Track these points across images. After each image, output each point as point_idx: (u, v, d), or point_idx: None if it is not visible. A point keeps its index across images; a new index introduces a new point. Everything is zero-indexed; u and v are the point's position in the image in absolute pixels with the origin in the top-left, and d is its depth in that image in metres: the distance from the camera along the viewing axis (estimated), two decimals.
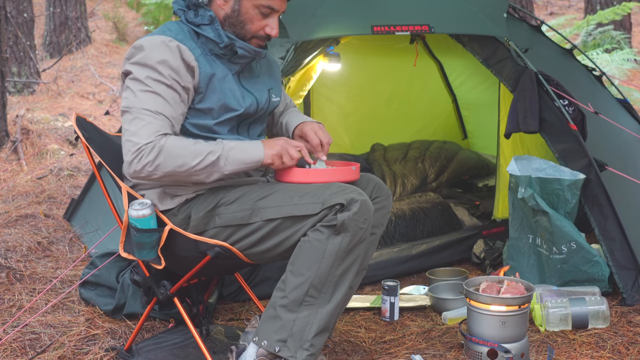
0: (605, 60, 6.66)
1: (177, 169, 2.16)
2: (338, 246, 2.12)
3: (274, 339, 2.13)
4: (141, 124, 2.15)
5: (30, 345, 2.62)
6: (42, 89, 7.87)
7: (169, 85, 2.19)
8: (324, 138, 2.42)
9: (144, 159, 2.13)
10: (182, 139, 2.20)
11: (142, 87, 2.18)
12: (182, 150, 2.16)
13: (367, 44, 4.29)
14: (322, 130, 2.45)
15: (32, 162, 5.26)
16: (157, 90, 2.18)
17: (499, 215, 3.73)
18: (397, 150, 4.61)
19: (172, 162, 2.15)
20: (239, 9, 2.29)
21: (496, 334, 2.43)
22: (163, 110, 2.18)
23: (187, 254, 2.26)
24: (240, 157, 2.22)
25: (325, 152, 2.42)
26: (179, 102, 2.22)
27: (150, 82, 2.18)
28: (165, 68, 2.18)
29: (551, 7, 12.78)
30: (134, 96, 2.19)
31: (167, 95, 2.19)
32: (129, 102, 2.19)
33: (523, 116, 3.16)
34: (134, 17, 12.50)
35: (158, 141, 2.14)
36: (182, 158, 2.16)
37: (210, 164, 2.19)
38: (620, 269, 2.96)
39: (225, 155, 2.20)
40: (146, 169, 2.15)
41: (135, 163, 2.14)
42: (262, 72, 2.47)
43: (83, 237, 3.78)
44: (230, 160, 2.21)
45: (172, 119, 2.20)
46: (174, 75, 2.19)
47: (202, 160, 2.17)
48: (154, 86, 2.18)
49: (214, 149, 2.20)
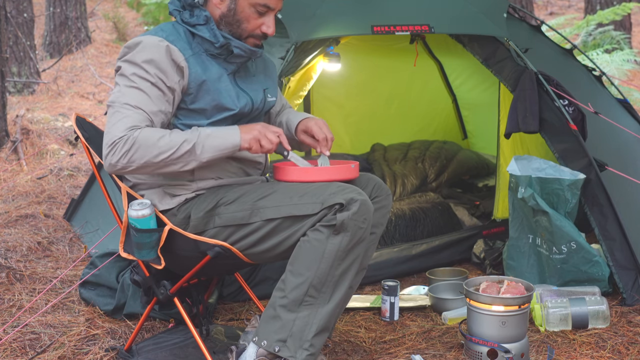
0: (606, 61, 6.66)
1: (152, 160, 2.14)
2: (338, 246, 2.12)
3: (274, 339, 2.13)
4: (119, 117, 2.15)
5: (30, 345, 2.62)
6: (42, 89, 7.87)
7: (154, 83, 2.19)
8: (329, 134, 2.42)
9: (118, 152, 2.12)
10: (157, 130, 2.17)
11: (127, 83, 2.20)
12: (157, 141, 2.14)
13: (367, 44, 4.29)
14: (326, 126, 2.45)
15: (32, 162, 5.26)
16: (140, 86, 2.18)
17: (499, 215, 3.73)
18: (397, 150, 4.61)
19: (147, 153, 2.13)
20: (235, 8, 2.29)
21: (496, 334, 2.43)
22: (143, 105, 2.17)
23: (187, 254, 2.26)
24: (217, 144, 2.20)
25: (329, 147, 2.42)
26: (162, 100, 2.21)
27: (135, 78, 2.19)
28: (151, 67, 2.19)
29: (551, 7, 12.78)
30: (118, 91, 2.20)
31: (150, 92, 2.19)
32: (114, 96, 2.20)
33: (523, 116, 3.16)
34: (134, 17, 12.50)
35: (131, 134, 2.13)
36: (157, 149, 2.14)
37: (186, 153, 2.17)
38: (620, 269, 2.96)
39: (202, 143, 2.18)
40: (121, 162, 2.14)
41: (110, 156, 2.14)
42: (258, 72, 2.46)
43: (83, 237, 3.78)
44: (207, 148, 2.19)
45: (152, 114, 2.19)
46: (160, 74, 2.20)
47: (177, 149, 2.15)
48: (138, 82, 2.19)
49: (189, 137, 2.18)
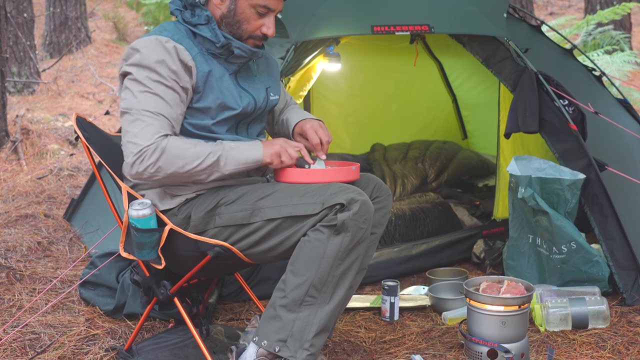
0: (606, 62, 6.65)
1: (179, 170, 2.18)
2: (338, 246, 2.12)
3: (274, 338, 2.13)
4: (142, 125, 2.15)
5: (30, 345, 2.62)
6: (42, 89, 7.87)
7: (169, 86, 2.19)
8: (324, 137, 2.41)
9: (146, 161, 2.14)
10: (183, 140, 2.21)
11: (141, 88, 2.19)
12: (184, 152, 2.17)
13: (367, 44, 4.29)
14: (322, 128, 2.44)
15: (32, 162, 5.26)
16: (156, 91, 2.18)
17: (499, 215, 3.73)
18: (397, 150, 4.61)
19: (174, 163, 2.16)
20: (235, 9, 2.30)
21: (496, 334, 2.43)
22: (163, 111, 2.18)
23: (187, 254, 2.26)
24: (240, 157, 2.24)
25: (324, 151, 2.41)
26: (178, 103, 2.22)
27: (149, 82, 2.18)
28: (163, 69, 2.19)
29: (551, 7, 12.78)
30: (133, 97, 2.19)
31: (166, 96, 2.19)
32: (129, 103, 2.19)
33: (523, 116, 3.16)
34: (134, 17, 12.50)
35: (159, 143, 2.14)
36: (183, 159, 2.17)
37: (210, 165, 2.20)
38: (620, 269, 2.96)
39: (226, 156, 2.22)
40: (148, 171, 2.16)
41: (137, 165, 2.15)
42: (260, 71, 2.46)
43: (83, 237, 3.78)
44: (230, 161, 2.22)
45: (172, 119, 2.21)
46: (173, 75, 2.20)
47: (202, 161, 2.19)
48: (153, 87, 2.18)
49: (214, 149, 2.21)
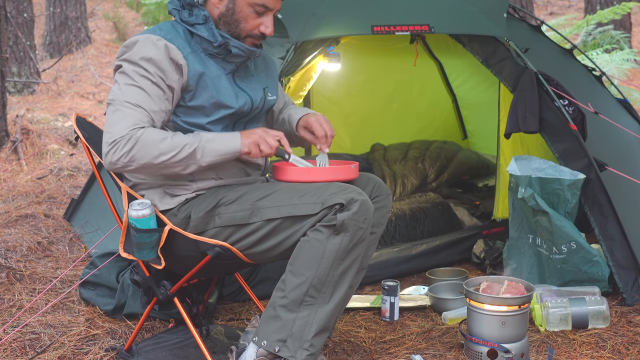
0: (605, 61, 6.65)
1: (152, 161, 2.16)
2: (338, 246, 2.12)
3: (274, 338, 2.13)
4: (120, 115, 2.16)
5: (30, 345, 2.62)
6: (42, 89, 7.87)
7: (154, 82, 2.20)
8: (329, 130, 2.42)
9: (120, 151, 2.13)
10: (160, 131, 2.19)
11: (127, 81, 2.20)
12: (159, 142, 2.15)
13: (367, 44, 4.28)
14: (327, 122, 2.45)
15: (32, 162, 5.26)
16: (141, 84, 2.19)
17: (499, 215, 3.73)
18: (397, 150, 4.61)
19: (148, 153, 2.14)
20: (233, 8, 2.30)
21: (496, 334, 2.43)
22: (143, 103, 2.18)
23: (187, 254, 2.26)
24: (218, 148, 2.22)
25: (328, 144, 2.42)
26: (162, 99, 2.22)
27: (135, 76, 2.19)
28: (151, 65, 2.20)
29: (551, 7, 12.78)
30: (118, 89, 2.21)
31: (150, 91, 2.19)
32: (114, 94, 2.21)
33: (523, 116, 3.16)
34: (134, 17, 12.51)
35: (134, 133, 2.14)
36: (157, 150, 2.15)
37: (186, 157, 2.18)
38: (620, 269, 2.96)
39: (202, 147, 2.20)
40: (121, 161, 2.14)
41: (111, 154, 2.14)
42: (258, 71, 2.46)
43: (83, 237, 3.78)
44: (208, 152, 2.20)
45: (153, 113, 2.19)
46: (160, 73, 2.20)
47: (178, 152, 2.17)
48: (139, 81, 2.19)
49: (191, 141, 2.19)
